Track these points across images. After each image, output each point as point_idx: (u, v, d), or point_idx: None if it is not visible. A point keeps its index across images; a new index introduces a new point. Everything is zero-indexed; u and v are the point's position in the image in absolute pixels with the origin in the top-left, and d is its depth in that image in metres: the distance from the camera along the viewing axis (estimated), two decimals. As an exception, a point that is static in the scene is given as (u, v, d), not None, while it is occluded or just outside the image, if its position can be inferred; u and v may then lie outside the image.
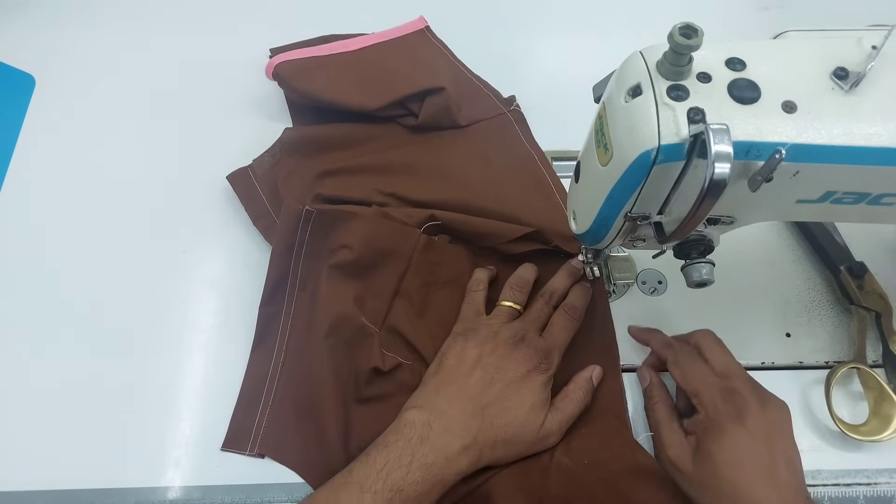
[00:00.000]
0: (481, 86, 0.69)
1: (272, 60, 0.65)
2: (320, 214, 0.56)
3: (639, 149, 0.34)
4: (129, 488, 0.49)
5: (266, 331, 0.54)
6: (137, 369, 0.53)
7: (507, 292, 0.53)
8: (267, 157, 0.62)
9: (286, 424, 0.51)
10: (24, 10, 0.74)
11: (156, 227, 0.60)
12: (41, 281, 0.57)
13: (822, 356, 0.54)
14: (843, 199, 0.38)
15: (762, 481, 0.40)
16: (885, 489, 0.49)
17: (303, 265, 0.56)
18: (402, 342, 0.53)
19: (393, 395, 0.50)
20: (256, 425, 0.51)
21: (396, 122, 0.65)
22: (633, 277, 0.57)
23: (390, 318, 0.54)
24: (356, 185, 0.59)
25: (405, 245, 0.56)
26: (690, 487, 0.43)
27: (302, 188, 0.59)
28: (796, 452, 0.43)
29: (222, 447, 0.50)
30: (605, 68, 0.39)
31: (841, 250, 0.57)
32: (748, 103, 0.34)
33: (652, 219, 0.40)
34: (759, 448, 0.41)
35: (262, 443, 0.50)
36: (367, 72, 0.65)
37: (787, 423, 0.44)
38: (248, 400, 0.52)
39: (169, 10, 0.75)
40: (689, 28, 0.32)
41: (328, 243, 0.55)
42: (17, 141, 0.65)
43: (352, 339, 0.51)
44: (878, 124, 0.34)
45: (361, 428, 0.49)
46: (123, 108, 0.67)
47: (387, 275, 0.55)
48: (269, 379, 0.52)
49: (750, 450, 0.41)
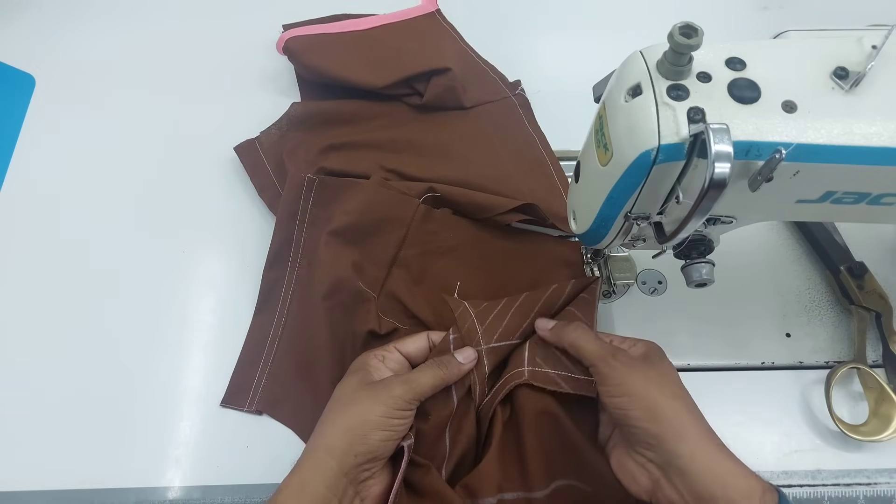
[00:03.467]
0: (487, 69, 0.70)
1: (283, 35, 0.66)
2: (322, 183, 0.57)
3: (639, 149, 0.34)
4: (129, 488, 0.49)
5: (269, 295, 0.56)
6: (137, 369, 0.53)
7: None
8: (274, 129, 0.63)
9: (284, 383, 0.52)
10: (24, 10, 0.74)
11: (156, 227, 0.60)
12: (41, 281, 0.57)
13: (822, 356, 0.54)
14: (843, 199, 0.38)
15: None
16: (885, 489, 0.49)
17: (306, 232, 0.57)
18: (400, 307, 0.54)
19: None
20: (255, 384, 0.52)
21: (402, 101, 0.66)
22: (633, 277, 0.57)
23: (388, 284, 0.55)
24: (359, 160, 0.61)
25: (404, 214, 0.57)
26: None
27: (307, 161, 0.60)
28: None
29: (221, 403, 0.52)
30: (605, 68, 0.39)
31: (841, 250, 0.57)
32: (748, 103, 0.34)
33: (652, 219, 0.40)
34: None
35: (259, 400, 0.52)
36: (376, 50, 0.67)
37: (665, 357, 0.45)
38: (249, 360, 0.53)
39: (170, 4, 0.75)
40: (689, 28, 0.32)
41: (329, 211, 0.57)
42: (17, 141, 0.65)
43: (349, 303, 0.53)
44: (878, 124, 0.34)
45: None
46: (123, 108, 0.67)
47: (385, 242, 0.56)
48: (269, 341, 0.54)
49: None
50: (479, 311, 0.51)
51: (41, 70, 0.69)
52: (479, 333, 0.49)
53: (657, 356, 0.44)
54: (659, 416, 0.40)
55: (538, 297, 0.51)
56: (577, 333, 0.45)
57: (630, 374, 0.42)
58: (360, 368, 0.46)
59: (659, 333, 0.55)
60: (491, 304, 0.51)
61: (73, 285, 0.57)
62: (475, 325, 0.49)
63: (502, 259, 0.57)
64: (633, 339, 0.47)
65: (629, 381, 0.41)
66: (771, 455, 0.50)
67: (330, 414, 0.44)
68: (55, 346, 0.54)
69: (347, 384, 0.46)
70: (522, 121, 0.67)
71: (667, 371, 0.43)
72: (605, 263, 0.56)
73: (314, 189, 0.58)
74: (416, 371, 0.46)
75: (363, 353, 0.48)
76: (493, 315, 0.50)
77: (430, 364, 0.47)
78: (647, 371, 0.42)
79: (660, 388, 0.41)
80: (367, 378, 0.45)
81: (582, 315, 0.49)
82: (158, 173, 0.63)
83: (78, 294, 0.57)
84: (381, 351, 0.48)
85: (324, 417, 0.45)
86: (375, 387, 0.44)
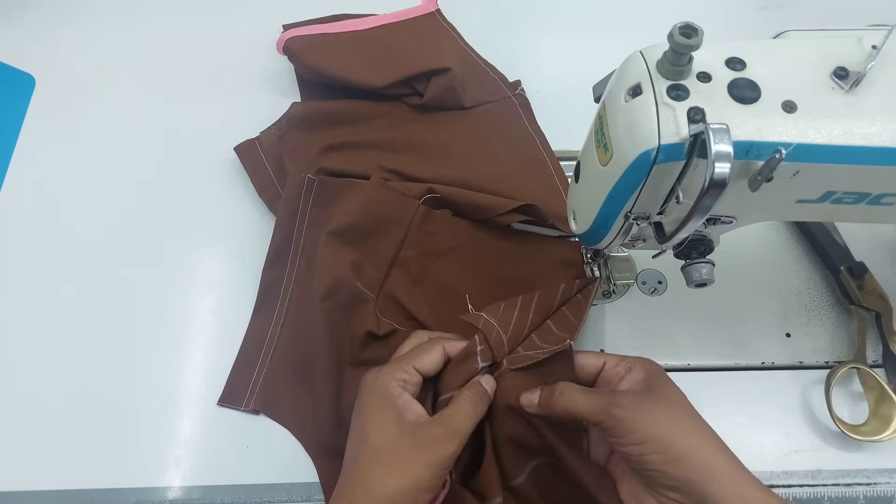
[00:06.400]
0: (487, 69, 0.70)
1: (283, 35, 0.67)
2: (322, 183, 0.57)
3: (639, 148, 0.34)
4: (129, 488, 0.49)
5: (268, 294, 0.56)
6: (137, 369, 0.53)
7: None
8: (274, 129, 0.63)
9: (281, 383, 0.52)
10: (24, 10, 0.74)
11: (156, 227, 0.60)
12: (40, 281, 0.57)
13: (822, 356, 0.54)
14: (843, 199, 0.37)
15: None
16: (885, 489, 0.49)
17: (305, 232, 0.57)
18: (399, 309, 0.54)
19: (387, 359, 0.51)
20: (253, 383, 0.52)
21: (402, 101, 0.66)
22: (633, 277, 0.57)
23: (387, 285, 0.55)
24: (359, 160, 0.61)
25: (403, 215, 0.57)
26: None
27: (307, 161, 0.60)
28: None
29: (218, 402, 0.51)
30: (605, 68, 0.39)
31: (841, 250, 0.57)
32: (748, 103, 0.34)
33: (652, 219, 0.40)
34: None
35: (257, 399, 0.52)
36: (376, 50, 0.67)
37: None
38: (247, 359, 0.53)
39: (170, 4, 0.75)
40: (689, 28, 0.32)
41: (329, 211, 0.57)
42: (17, 141, 0.65)
43: (348, 304, 0.52)
44: (878, 124, 0.34)
45: (353, 390, 0.49)
46: (123, 108, 0.67)
47: (384, 244, 0.56)
48: (267, 340, 0.54)
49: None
50: (500, 318, 0.48)
51: (41, 70, 0.69)
52: (504, 343, 0.47)
53: (658, 380, 0.41)
54: (681, 458, 0.37)
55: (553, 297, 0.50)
56: (564, 398, 0.41)
57: (639, 419, 0.38)
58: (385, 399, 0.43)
59: (659, 333, 0.55)
60: (508, 306, 0.49)
61: (72, 285, 0.57)
62: (501, 337, 0.47)
63: (502, 260, 0.57)
64: (628, 361, 0.43)
65: (640, 427, 0.38)
66: (771, 455, 0.50)
67: (373, 466, 0.40)
68: (55, 346, 0.54)
69: (383, 425, 0.41)
70: (522, 121, 0.67)
71: (674, 398, 0.40)
72: (605, 263, 0.56)
73: (314, 189, 0.58)
74: (458, 415, 0.42)
75: (378, 371, 0.44)
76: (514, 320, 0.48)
77: (469, 405, 0.43)
78: (654, 407, 0.39)
79: (675, 424, 0.38)
80: (401, 418, 0.42)
81: (572, 316, 0.49)
82: (158, 173, 0.63)
83: (78, 294, 0.57)
84: (401, 374, 0.44)
85: (362, 461, 0.41)
86: (422, 443, 0.41)
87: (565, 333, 0.47)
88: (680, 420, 0.39)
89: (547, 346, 0.45)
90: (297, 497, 0.48)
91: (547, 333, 0.48)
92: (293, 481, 0.49)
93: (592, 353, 0.46)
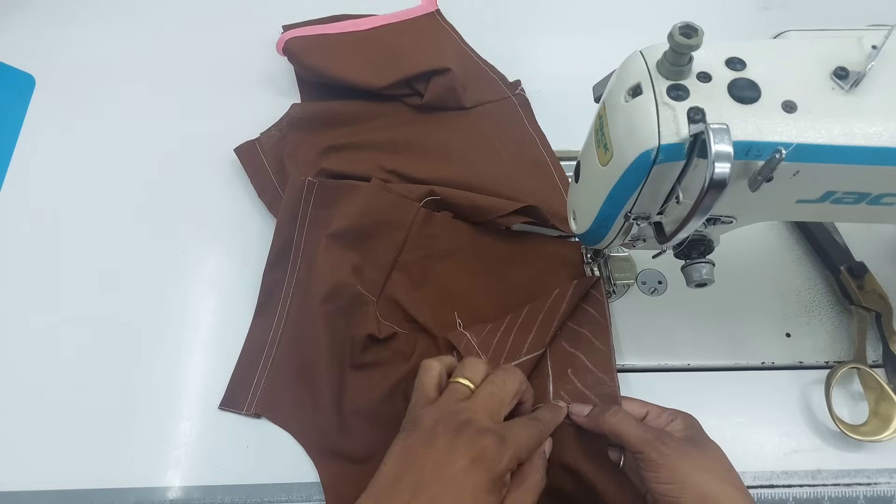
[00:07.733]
0: (487, 69, 0.70)
1: (283, 35, 0.67)
2: (323, 185, 0.57)
3: (639, 149, 0.34)
4: (129, 488, 0.49)
5: (268, 298, 0.56)
6: (138, 369, 0.53)
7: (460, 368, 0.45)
8: (274, 130, 0.63)
9: (283, 387, 0.52)
10: (24, 10, 0.74)
11: (156, 228, 0.60)
12: (41, 281, 0.57)
13: (822, 356, 0.54)
14: (843, 199, 0.38)
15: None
16: (885, 489, 0.49)
17: (306, 235, 0.57)
18: (400, 312, 0.54)
19: (388, 362, 0.52)
20: (254, 387, 0.52)
21: (402, 102, 0.66)
22: (633, 277, 0.57)
23: (388, 288, 0.55)
24: (360, 161, 0.61)
25: (404, 217, 0.57)
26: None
27: (307, 163, 0.60)
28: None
29: (220, 406, 0.51)
30: (605, 68, 0.39)
31: (841, 250, 0.57)
32: (748, 103, 0.34)
33: (652, 219, 0.40)
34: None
35: (258, 403, 0.51)
36: (376, 51, 0.67)
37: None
38: (248, 363, 0.53)
39: (170, 4, 0.75)
40: (689, 28, 0.32)
41: (329, 214, 0.57)
42: (17, 141, 0.65)
43: (348, 307, 0.52)
44: (878, 124, 0.34)
45: (354, 393, 0.50)
46: (124, 109, 0.67)
47: (385, 246, 0.56)
48: (268, 344, 0.54)
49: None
50: (482, 341, 0.50)
51: (41, 70, 0.69)
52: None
53: (702, 436, 0.43)
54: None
55: (540, 308, 0.51)
56: (617, 419, 0.43)
57: (680, 460, 0.40)
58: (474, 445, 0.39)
59: (659, 333, 0.55)
60: (493, 328, 0.51)
61: (72, 286, 0.57)
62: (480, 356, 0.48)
63: (502, 261, 0.57)
64: (671, 413, 0.45)
65: (680, 468, 0.39)
66: (771, 455, 0.50)
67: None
68: (55, 346, 0.54)
69: (469, 482, 0.37)
70: (522, 121, 0.67)
71: (717, 455, 0.42)
72: (605, 263, 0.56)
73: (314, 192, 0.57)
74: (531, 471, 0.41)
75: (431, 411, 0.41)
76: (496, 340, 0.50)
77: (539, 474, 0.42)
78: (697, 456, 0.41)
79: (712, 475, 0.40)
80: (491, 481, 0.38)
81: (600, 343, 0.50)
82: (158, 174, 0.63)
83: (78, 294, 0.57)
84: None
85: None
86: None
87: (605, 374, 0.49)
88: (718, 472, 0.41)
89: (592, 392, 0.47)
90: (297, 497, 0.48)
91: (585, 373, 0.49)
92: (293, 481, 0.49)
93: (637, 401, 0.47)
